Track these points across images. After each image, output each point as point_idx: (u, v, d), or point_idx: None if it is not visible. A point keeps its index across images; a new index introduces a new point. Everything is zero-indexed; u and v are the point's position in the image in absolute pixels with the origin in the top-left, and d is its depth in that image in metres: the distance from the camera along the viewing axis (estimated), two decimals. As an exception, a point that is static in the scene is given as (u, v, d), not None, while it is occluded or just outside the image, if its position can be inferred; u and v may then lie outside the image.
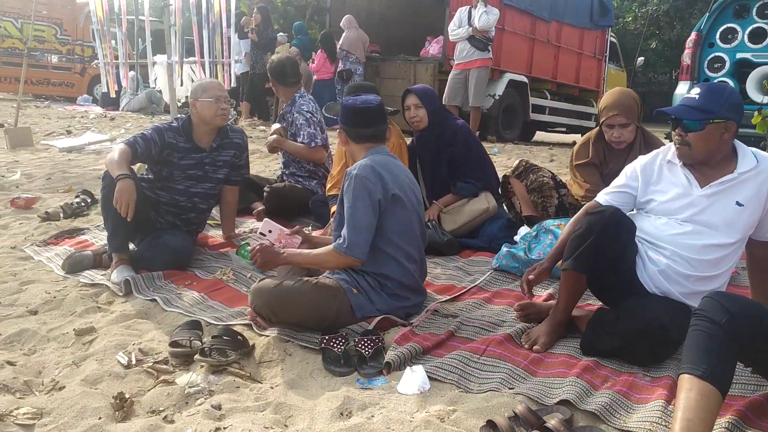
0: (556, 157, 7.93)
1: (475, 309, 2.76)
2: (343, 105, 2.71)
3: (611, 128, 3.20)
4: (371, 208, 2.49)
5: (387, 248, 2.57)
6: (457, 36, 8.41)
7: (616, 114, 3.14)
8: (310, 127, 4.31)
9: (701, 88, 2.31)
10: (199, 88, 3.40)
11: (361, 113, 2.67)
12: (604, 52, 12.64)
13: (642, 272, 2.36)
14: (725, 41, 7.48)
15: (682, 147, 2.31)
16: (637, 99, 3.21)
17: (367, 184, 2.51)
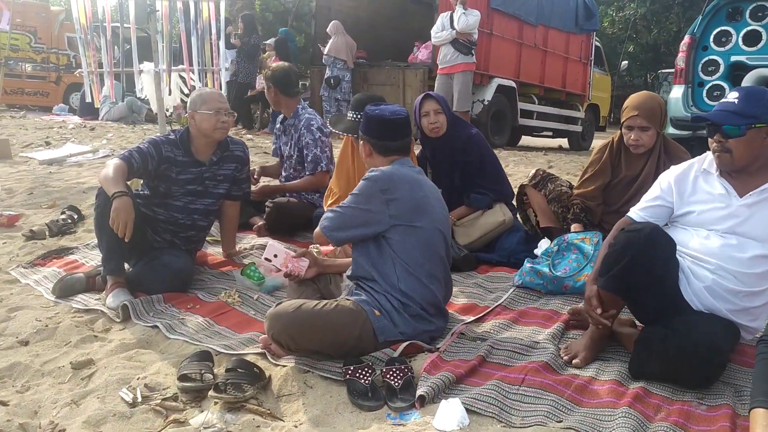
0: (553, 163, 7.82)
1: (503, 330, 2.59)
2: (369, 116, 2.54)
3: (630, 130, 3.07)
4: (371, 213, 2.40)
5: (408, 266, 2.40)
6: (440, 40, 8.32)
7: (636, 115, 3.01)
8: (317, 148, 4.10)
9: (739, 93, 2.19)
10: (198, 99, 3.20)
11: (390, 125, 2.52)
12: (590, 56, 12.61)
13: (686, 289, 2.22)
14: (719, 44, 7.41)
15: (722, 154, 2.18)
16: (662, 105, 3.09)
17: (382, 186, 2.40)
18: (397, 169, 2.48)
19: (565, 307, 2.79)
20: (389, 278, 2.41)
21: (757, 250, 2.19)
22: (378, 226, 2.41)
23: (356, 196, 2.44)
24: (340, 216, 2.45)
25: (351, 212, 2.43)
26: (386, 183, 2.41)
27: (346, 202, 2.46)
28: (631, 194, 3.13)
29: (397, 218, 2.40)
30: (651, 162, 3.12)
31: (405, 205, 2.41)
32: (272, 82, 4.19)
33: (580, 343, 2.31)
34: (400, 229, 2.40)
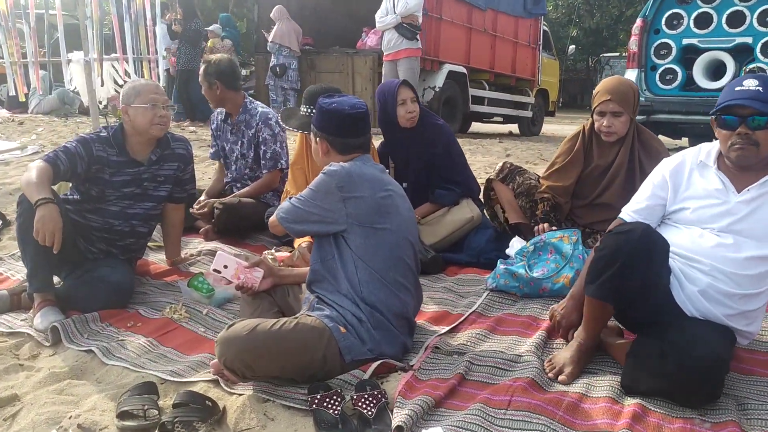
0: (510, 151, 7.69)
1: (481, 341, 2.38)
2: (325, 110, 2.28)
3: (602, 116, 2.89)
4: (326, 211, 2.20)
5: (373, 271, 2.17)
6: (384, 24, 8.08)
7: (608, 99, 2.83)
8: (276, 144, 3.80)
9: (759, 80, 1.99)
10: (131, 91, 2.86)
11: (349, 120, 2.26)
12: (538, 41, 12.55)
13: (679, 293, 2.05)
14: (671, 27, 7.38)
15: (747, 147, 1.97)
16: (636, 89, 2.91)
17: (339, 183, 2.19)
18: (357, 167, 2.24)
19: (544, 312, 2.60)
20: (351, 284, 2.17)
21: (753, 251, 2.02)
22: (335, 225, 2.20)
23: (312, 192, 2.24)
24: (295, 210, 2.27)
25: (307, 207, 2.24)
26: (344, 180, 2.18)
27: (304, 194, 2.27)
28: (604, 185, 2.97)
29: (356, 218, 2.17)
30: (624, 150, 2.96)
31: (364, 206, 2.17)
32: (217, 78, 3.76)
33: (564, 356, 2.12)
34: (360, 230, 2.17)
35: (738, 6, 7.02)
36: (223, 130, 3.98)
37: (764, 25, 6.88)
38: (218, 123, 4.02)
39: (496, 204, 3.35)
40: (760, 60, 6.86)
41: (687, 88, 7.30)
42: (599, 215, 2.97)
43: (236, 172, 3.95)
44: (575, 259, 2.66)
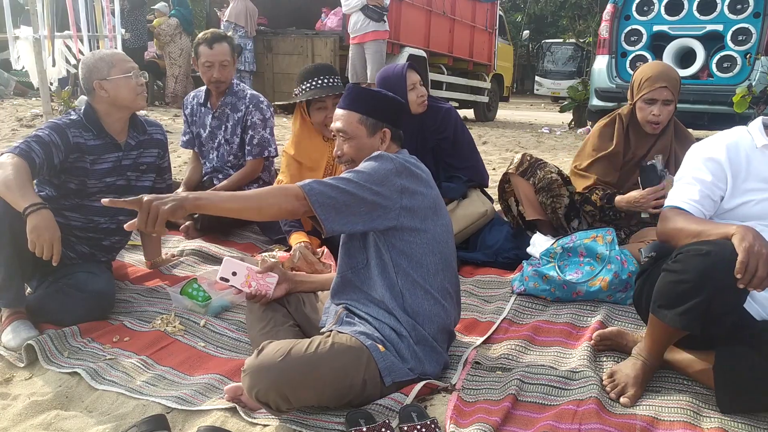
0: (485, 138, 7.51)
1: (522, 354, 2.16)
2: (386, 96, 2.03)
3: (652, 104, 2.68)
4: (375, 197, 1.82)
5: (417, 277, 1.91)
6: (350, 7, 7.78)
7: (663, 86, 2.63)
8: (265, 130, 3.48)
9: None
10: (102, 63, 2.48)
11: (404, 110, 2.08)
12: (494, 26, 12.43)
13: (749, 302, 1.86)
14: (641, 13, 7.34)
15: None
16: (680, 77, 2.72)
17: (397, 177, 1.86)
18: (410, 158, 1.99)
19: (581, 318, 2.41)
20: (390, 293, 1.91)
21: None
22: (383, 220, 1.85)
23: (366, 174, 1.83)
24: (340, 194, 1.78)
25: (358, 191, 1.80)
26: (403, 167, 1.89)
27: (349, 176, 1.83)
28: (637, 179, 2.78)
29: (410, 214, 1.88)
30: (662, 142, 2.77)
31: (422, 201, 1.91)
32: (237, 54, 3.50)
33: (628, 374, 1.91)
34: (410, 229, 1.89)
35: (709, -7, 7.03)
36: (200, 114, 3.61)
37: (735, 12, 6.90)
38: (193, 107, 3.64)
39: (510, 197, 3.12)
40: (731, 48, 6.90)
41: (657, 76, 7.28)
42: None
43: (218, 161, 3.59)
44: (613, 260, 2.47)
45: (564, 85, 16.89)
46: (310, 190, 1.77)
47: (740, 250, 1.60)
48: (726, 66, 6.91)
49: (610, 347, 2.15)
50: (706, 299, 1.68)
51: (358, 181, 1.82)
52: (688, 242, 1.80)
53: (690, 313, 1.71)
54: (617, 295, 2.49)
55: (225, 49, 3.41)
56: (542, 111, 17.97)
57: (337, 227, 1.81)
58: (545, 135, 8.89)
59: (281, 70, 9.22)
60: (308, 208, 1.77)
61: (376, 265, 1.92)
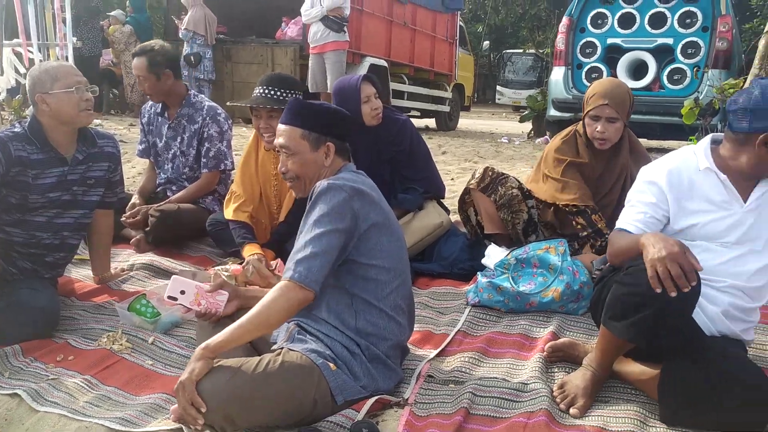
0: (445, 148, 7.54)
1: (476, 366, 2.16)
2: (330, 109, 2.01)
3: (596, 121, 2.72)
4: (344, 234, 1.83)
5: (370, 295, 1.90)
6: (310, 17, 7.78)
7: (605, 104, 2.66)
8: (222, 143, 3.42)
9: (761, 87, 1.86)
10: (46, 76, 2.40)
11: (350, 122, 2.06)
12: (455, 36, 12.55)
13: (700, 315, 1.90)
14: (596, 26, 7.50)
15: None
16: (631, 94, 2.75)
17: (351, 203, 1.84)
18: (355, 176, 1.97)
19: (534, 329, 2.42)
20: (343, 314, 1.90)
21: (760, 261, 1.94)
22: (344, 252, 1.87)
23: (325, 217, 1.83)
24: (321, 256, 1.80)
25: (330, 241, 1.81)
26: (354, 191, 1.87)
27: (315, 231, 1.82)
28: (600, 196, 2.82)
29: (365, 235, 1.88)
30: (617, 160, 2.81)
31: (374, 219, 1.90)
32: (168, 67, 3.35)
33: (577, 385, 1.92)
34: (366, 251, 1.89)
35: (659, 7, 7.22)
36: (157, 124, 3.54)
37: (684, 26, 7.10)
38: (150, 117, 3.58)
39: (470, 207, 3.12)
40: (681, 61, 7.10)
41: (611, 87, 7.44)
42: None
43: (172, 172, 3.52)
44: (565, 271, 2.49)
45: (525, 95, 17.13)
46: (301, 278, 1.78)
47: (646, 265, 1.65)
48: (676, 78, 7.10)
49: (562, 358, 2.17)
50: (655, 312, 1.71)
51: (326, 229, 1.82)
52: (622, 260, 1.87)
53: (638, 325, 1.74)
54: (569, 305, 2.52)
55: (140, 64, 3.35)
56: (503, 120, 18.20)
57: (320, 277, 1.82)
58: (504, 145, 8.99)
59: (241, 79, 9.15)
60: (314, 291, 1.79)
61: (330, 285, 1.90)
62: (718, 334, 1.92)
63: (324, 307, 1.91)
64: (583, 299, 2.50)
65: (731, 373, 1.70)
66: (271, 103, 2.82)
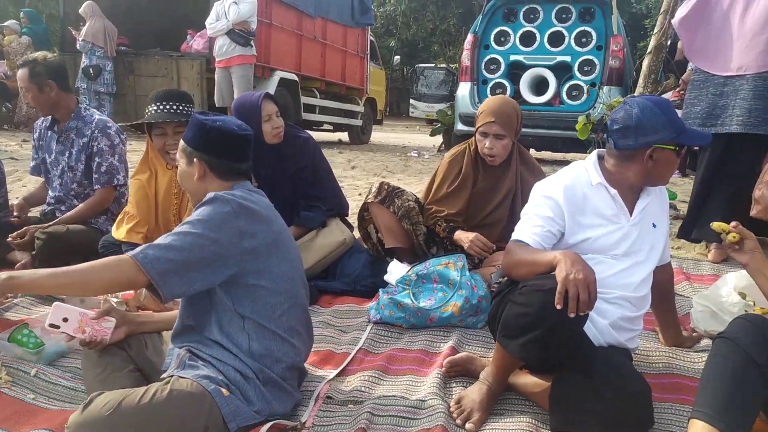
0: (354, 162, 7.54)
1: (375, 385, 2.15)
2: (210, 127, 1.91)
3: (485, 137, 2.80)
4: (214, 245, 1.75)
5: (262, 318, 1.85)
6: (215, 30, 7.67)
7: (492, 122, 2.75)
8: (114, 157, 3.29)
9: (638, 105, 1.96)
10: None
11: (239, 142, 1.94)
12: (366, 51, 12.67)
13: (590, 327, 1.97)
14: (499, 44, 7.75)
15: None
16: (519, 111, 2.85)
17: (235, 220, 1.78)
18: (247, 194, 1.91)
19: (434, 345, 2.44)
20: (235, 337, 1.84)
21: (644, 272, 2.05)
22: (225, 269, 1.78)
23: (200, 222, 1.76)
24: (178, 251, 1.70)
25: (193, 242, 1.72)
26: (240, 207, 1.82)
27: (185, 229, 1.75)
28: (489, 207, 2.90)
29: (251, 255, 1.82)
30: (508, 174, 2.89)
31: (264, 241, 1.85)
32: (51, 78, 3.19)
33: (473, 399, 1.95)
34: (253, 272, 1.83)
35: (557, 27, 7.56)
36: (47, 139, 3.37)
37: (580, 45, 7.46)
38: (41, 131, 3.41)
39: (369, 224, 3.13)
40: (578, 78, 7.43)
41: (515, 102, 7.70)
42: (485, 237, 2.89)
43: (61, 188, 3.36)
44: (464, 285, 2.54)
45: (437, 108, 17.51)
46: (144, 258, 1.69)
47: (558, 280, 1.68)
48: (575, 94, 7.44)
49: (460, 373, 2.20)
50: (545, 333, 1.75)
51: (194, 231, 1.74)
52: (525, 271, 1.88)
53: (530, 345, 1.78)
54: (468, 319, 2.56)
55: (22, 75, 3.22)
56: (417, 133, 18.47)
57: (177, 290, 1.73)
58: (413, 159, 9.12)
59: (144, 93, 8.84)
60: (147, 278, 1.68)
61: (220, 310, 1.85)
62: (606, 344, 1.99)
63: (216, 329, 1.86)
64: (481, 313, 2.55)
65: (615, 382, 1.77)
66: (178, 118, 2.77)
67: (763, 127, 3.21)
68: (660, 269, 2.20)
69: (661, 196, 2.13)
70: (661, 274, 2.25)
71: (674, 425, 1.91)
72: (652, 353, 2.37)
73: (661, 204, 2.13)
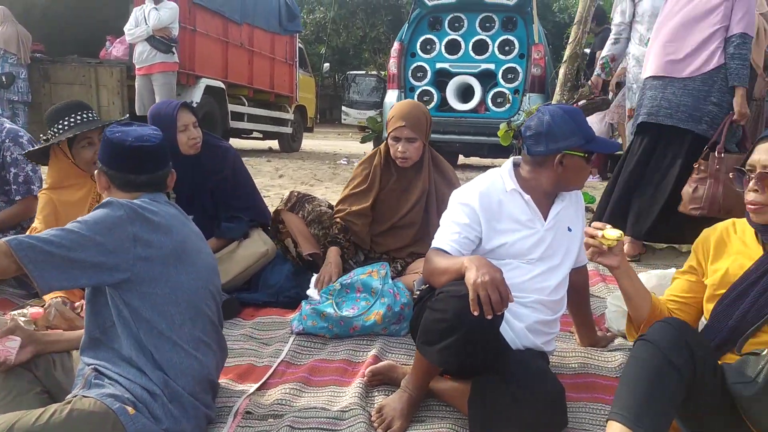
0: (282, 171, 7.45)
1: (297, 397, 2.12)
2: (107, 139, 1.88)
3: (397, 142, 2.84)
4: (101, 248, 1.69)
5: (163, 331, 1.79)
6: (134, 36, 7.45)
7: (403, 126, 2.78)
8: (28, 166, 3.20)
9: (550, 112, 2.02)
10: None
11: (131, 153, 1.87)
12: (295, 58, 12.59)
13: (507, 331, 2.01)
14: (425, 51, 7.84)
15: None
16: (428, 114, 2.90)
17: (129, 226, 1.74)
18: (148, 202, 1.86)
19: (357, 354, 2.43)
20: (138, 352, 1.77)
21: (559, 275, 2.10)
22: (115, 272, 1.72)
23: (91, 224, 1.71)
24: (58, 246, 1.63)
25: (76, 241, 1.66)
26: (136, 214, 1.77)
27: (74, 227, 1.69)
28: (403, 209, 2.92)
29: (146, 263, 1.77)
30: (420, 175, 2.92)
31: (161, 249, 1.80)
32: None
33: (394, 408, 1.95)
34: (149, 280, 1.78)
35: (481, 35, 7.71)
36: None
37: (504, 53, 7.64)
38: None
39: (286, 238, 3.11)
40: (502, 85, 7.60)
41: (442, 109, 7.82)
42: (400, 240, 2.91)
43: None
44: (386, 293, 2.54)
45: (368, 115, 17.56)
46: (17, 245, 1.61)
47: (468, 287, 1.72)
48: (499, 101, 7.61)
49: (382, 382, 2.20)
50: (462, 337, 1.77)
51: (80, 231, 1.69)
52: (440, 278, 1.91)
53: (447, 350, 1.80)
54: (392, 327, 2.57)
55: None
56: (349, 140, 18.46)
57: (55, 284, 1.66)
58: (342, 167, 9.11)
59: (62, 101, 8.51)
60: (18, 265, 1.60)
61: (119, 322, 1.78)
62: (523, 347, 2.03)
63: (121, 340, 1.78)
64: (404, 320, 2.55)
65: (530, 384, 1.81)
66: (98, 124, 2.73)
67: (688, 122, 3.49)
68: (576, 271, 2.27)
69: (577, 201, 2.19)
70: (577, 276, 2.32)
71: (588, 423, 1.96)
72: (568, 354, 2.43)
73: (576, 208, 2.19)
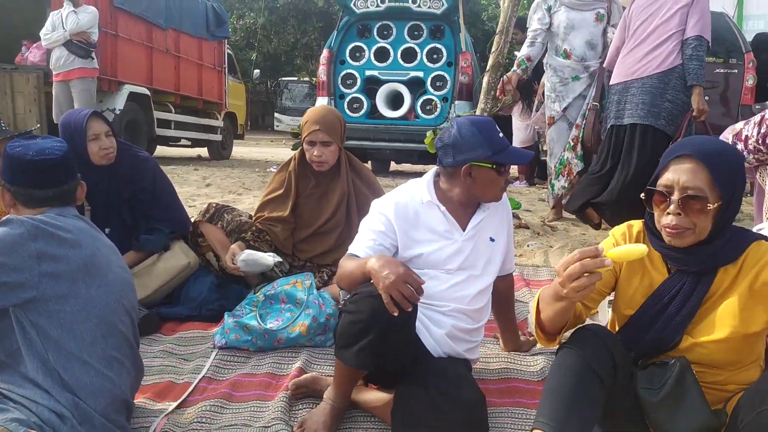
0: (209, 180, 7.29)
1: (218, 415, 2.06)
2: (7, 154, 1.80)
3: (312, 146, 2.82)
4: (8, 269, 1.63)
5: (75, 351, 1.71)
6: (51, 41, 7.16)
7: (317, 130, 2.77)
8: None
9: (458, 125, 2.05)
10: None
11: (31, 168, 1.79)
12: (223, 64, 12.39)
13: (427, 338, 2.02)
14: (354, 59, 7.84)
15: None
16: (342, 118, 2.90)
17: (30, 242, 1.66)
18: (52, 217, 1.78)
19: (282, 366, 2.39)
20: (45, 374, 1.68)
21: (480, 284, 2.12)
22: (20, 291, 1.65)
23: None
24: None
25: None
26: (38, 230, 1.69)
27: None
28: (325, 214, 2.89)
29: (52, 280, 1.69)
30: (338, 178, 2.91)
31: (67, 265, 1.72)
32: None
33: (317, 420, 1.93)
34: (56, 297, 1.70)
35: (410, 43, 7.79)
36: None
37: (432, 61, 7.73)
38: None
39: (207, 252, 3.03)
40: (431, 92, 7.69)
41: (372, 116, 7.84)
42: (324, 244, 2.89)
43: None
44: (311, 304, 2.51)
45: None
46: None
47: (381, 293, 1.73)
48: (428, 108, 7.68)
49: (306, 394, 2.17)
50: (378, 337, 1.76)
51: None
52: (348, 283, 1.93)
53: (364, 351, 1.79)
54: (317, 338, 2.54)
55: None
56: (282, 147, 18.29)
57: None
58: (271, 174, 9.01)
59: (-25, 108, 8.09)
60: None
61: (25, 344, 1.69)
62: (444, 354, 2.05)
63: (27, 362, 1.69)
64: (330, 331, 2.52)
65: (450, 392, 1.82)
66: (6, 134, 2.69)
67: (648, 118, 3.77)
68: (501, 278, 2.31)
69: (502, 210, 2.21)
70: (502, 283, 2.35)
71: (510, 427, 1.99)
72: (492, 359, 2.46)
73: (501, 217, 2.21)
